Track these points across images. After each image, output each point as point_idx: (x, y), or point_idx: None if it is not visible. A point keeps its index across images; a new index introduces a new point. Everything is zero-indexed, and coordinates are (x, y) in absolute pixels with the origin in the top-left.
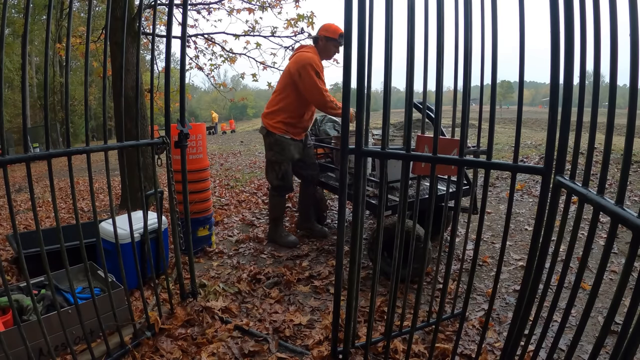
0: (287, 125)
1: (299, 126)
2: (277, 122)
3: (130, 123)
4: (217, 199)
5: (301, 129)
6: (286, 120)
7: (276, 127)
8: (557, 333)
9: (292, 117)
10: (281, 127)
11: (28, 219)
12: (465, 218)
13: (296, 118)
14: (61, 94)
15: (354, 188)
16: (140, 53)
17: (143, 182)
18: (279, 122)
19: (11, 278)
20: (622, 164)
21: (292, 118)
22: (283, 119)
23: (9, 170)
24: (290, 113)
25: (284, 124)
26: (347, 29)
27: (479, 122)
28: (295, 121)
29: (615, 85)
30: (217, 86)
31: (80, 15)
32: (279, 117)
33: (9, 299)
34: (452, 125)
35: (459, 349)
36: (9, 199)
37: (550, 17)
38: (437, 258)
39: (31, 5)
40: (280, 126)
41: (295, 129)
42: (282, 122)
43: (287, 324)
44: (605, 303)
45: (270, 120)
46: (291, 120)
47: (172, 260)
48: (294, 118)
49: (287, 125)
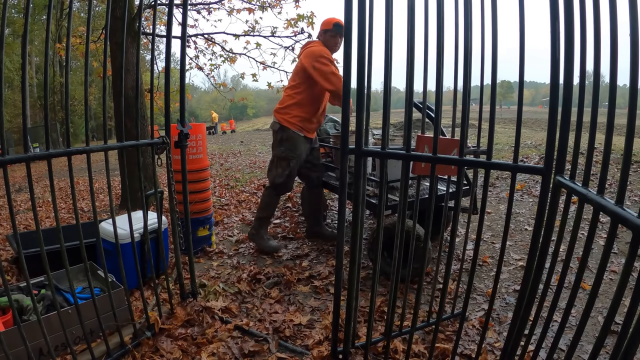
0: (302, 121)
1: (313, 122)
2: (293, 117)
3: (130, 123)
4: (217, 199)
5: (315, 125)
6: (302, 115)
7: (292, 123)
8: (557, 333)
9: (307, 112)
10: (296, 123)
11: (28, 219)
12: (465, 218)
13: (311, 113)
14: (61, 94)
15: (354, 188)
16: (140, 53)
17: (143, 182)
18: (295, 117)
19: (11, 278)
20: (622, 164)
21: (306, 113)
22: (298, 114)
23: (9, 170)
24: (305, 108)
25: (300, 119)
26: (347, 29)
27: (479, 122)
28: (310, 116)
29: (615, 85)
30: (217, 86)
31: (80, 15)
32: (294, 112)
33: (9, 299)
34: (452, 125)
35: (459, 349)
36: (9, 199)
37: (550, 17)
38: (437, 258)
39: (31, 5)
40: (295, 122)
41: (310, 124)
42: (298, 117)
43: (287, 324)
44: (605, 303)
45: (285, 115)
46: (306, 116)
47: (172, 260)
48: (308, 113)
49: (303, 121)
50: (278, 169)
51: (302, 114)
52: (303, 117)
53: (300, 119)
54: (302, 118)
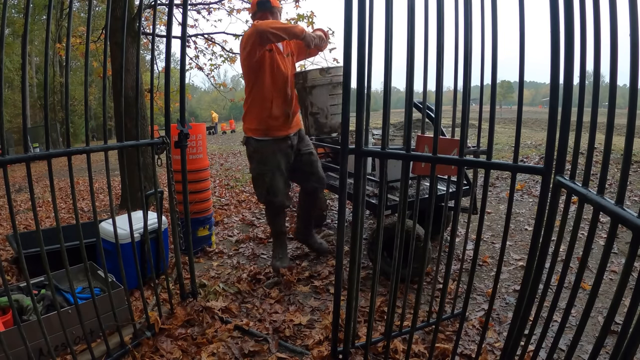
0: (261, 121)
1: (275, 116)
2: (251, 122)
3: (130, 123)
4: (217, 199)
5: (280, 119)
6: (259, 115)
7: (252, 129)
8: (557, 333)
9: (265, 108)
10: (256, 127)
11: (28, 219)
12: (465, 218)
13: (270, 108)
14: (61, 94)
15: (354, 188)
16: (140, 53)
17: (143, 182)
18: (253, 121)
19: (11, 278)
20: (622, 164)
21: (264, 110)
22: (256, 115)
23: (9, 170)
24: (261, 105)
25: (258, 121)
26: (347, 29)
27: (479, 122)
28: (270, 111)
29: (615, 85)
30: (217, 86)
31: (80, 15)
32: (251, 114)
33: (9, 299)
34: (452, 125)
35: (459, 349)
36: (9, 199)
37: (550, 17)
38: (437, 258)
39: (31, 5)
40: (254, 126)
41: (275, 120)
42: (256, 120)
43: (287, 324)
44: (605, 303)
45: (245, 124)
46: (264, 113)
47: (172, 260)
48: (266, 109)
49: (261, 121)
50: (258, 189)
51: (260, 112)
52: (261, 116)
53: (258, 120)
54: (261, 118)
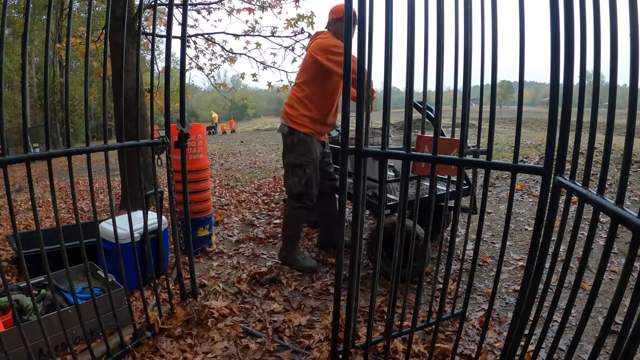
0: (313, 122)
1: (326, 123)
2: (302, 118)
3: (130, 123)
4: (217, 199)
5: (327, 127)
6: (312, 116)
7: (301, 125)
8: (557, 333)
9: (318, 112)
10: (307, 124)
11: (28, 219)
12: (465, 218)
13: (322, 113)
14: (61, 94)
15: (354, 188)
16: (140, 53)
17: (143, 182)
18: (304, 118)
19: (11, 278)
20: (622, 164)
21: (317, 113)
22: (309, 114)
23: (9, 170)
24: (316, 107)
25: (311, 120)
26: (347, 29)
27: (479, 122)
28: (321, 117)
29: (615, 85)
30: (217, 86)
31: (80, 15)
32: (304, 112)
33: (9, 299)
34: (452, 125)
35: (459, 349)
36: (9, 199)
37: (550, 17)
38: (437, 258)
39: (31, 5)
40: (306, 122)
41: (322, 126)
42: (308, 118)
43: (287, 324)
44: (605, 303)
45: (294, 117)
46: (317, 116)
47: (172, 260)
48: (319, 113)
49: (314, 122)
50: (294, 178)
51: (313, 114)
52: (313, 117)
53: (310, 119)
54: (313, 119)
